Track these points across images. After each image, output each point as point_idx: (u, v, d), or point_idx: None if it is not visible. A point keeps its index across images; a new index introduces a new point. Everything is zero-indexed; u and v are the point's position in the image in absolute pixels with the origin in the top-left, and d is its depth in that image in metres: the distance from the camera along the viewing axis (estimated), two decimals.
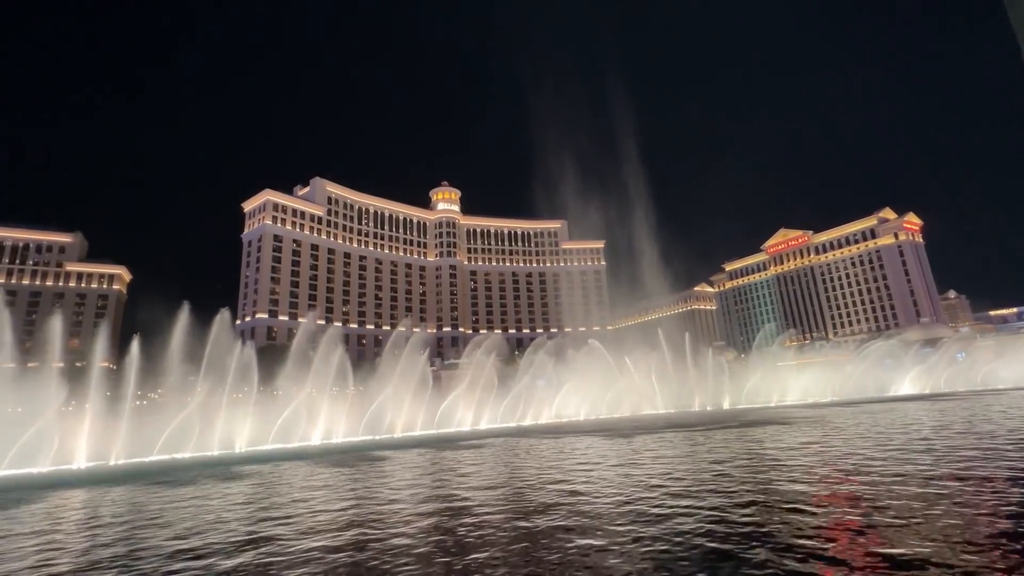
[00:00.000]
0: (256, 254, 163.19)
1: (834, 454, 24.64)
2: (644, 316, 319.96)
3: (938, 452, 22.68)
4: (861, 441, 29.03)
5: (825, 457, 23.89)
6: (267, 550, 13.27)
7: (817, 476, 19.17)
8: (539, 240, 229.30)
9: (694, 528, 12.77)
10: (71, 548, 15.26)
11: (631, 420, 69.56)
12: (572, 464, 27.47)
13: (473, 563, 11.11)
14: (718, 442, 33.40)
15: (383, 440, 57.19)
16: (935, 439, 27.31)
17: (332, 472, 31.09)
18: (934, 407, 53.61)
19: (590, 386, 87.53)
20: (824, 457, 23.90)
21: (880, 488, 16.01)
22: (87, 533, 17.39)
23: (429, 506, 18.16)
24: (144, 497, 25.20)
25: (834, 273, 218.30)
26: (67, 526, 19.24)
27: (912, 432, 31.64)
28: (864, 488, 16.26)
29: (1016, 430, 29.15)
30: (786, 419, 49.96)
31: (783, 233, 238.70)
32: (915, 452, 23.20)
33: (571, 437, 46.29)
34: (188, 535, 15.60)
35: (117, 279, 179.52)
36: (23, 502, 25.78)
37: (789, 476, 19.18)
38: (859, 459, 22.25)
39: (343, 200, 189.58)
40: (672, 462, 25.62)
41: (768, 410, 73.77)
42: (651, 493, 17.64)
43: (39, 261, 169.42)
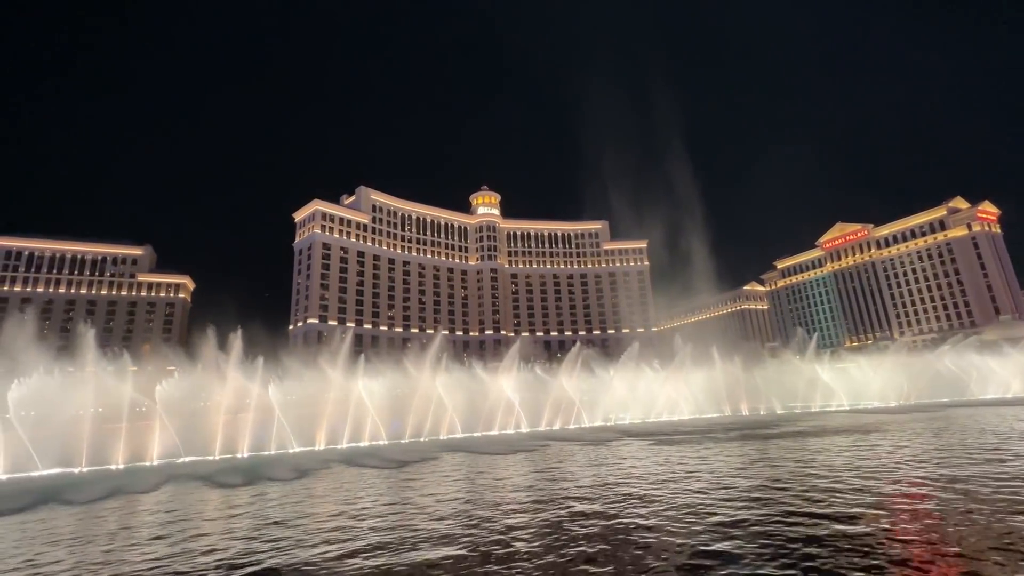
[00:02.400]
0: (307, 262, 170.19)
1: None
2: (691, 317, 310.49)
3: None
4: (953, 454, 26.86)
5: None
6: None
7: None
8: (580, 241, 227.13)
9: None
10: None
11: (680, 424, 67.40)
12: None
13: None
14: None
15: (432, 442, 57.97)
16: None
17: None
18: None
19: (635, 390, 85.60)
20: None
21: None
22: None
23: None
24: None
25: (898, 269, 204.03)
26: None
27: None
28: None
29: None
30: (858, 426, 46.97)
31: (840, 227, 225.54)
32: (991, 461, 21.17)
33: (625, 444, 45.28)
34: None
35: (182, 288, 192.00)
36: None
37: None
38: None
39: (387, 207, 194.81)
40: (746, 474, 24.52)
41: (831, 415, 69.68)
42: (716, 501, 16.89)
43: (115, 273, 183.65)
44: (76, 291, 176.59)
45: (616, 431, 61.00)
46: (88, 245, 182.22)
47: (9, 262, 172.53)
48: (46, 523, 22.11)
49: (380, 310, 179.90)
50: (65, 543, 17.14)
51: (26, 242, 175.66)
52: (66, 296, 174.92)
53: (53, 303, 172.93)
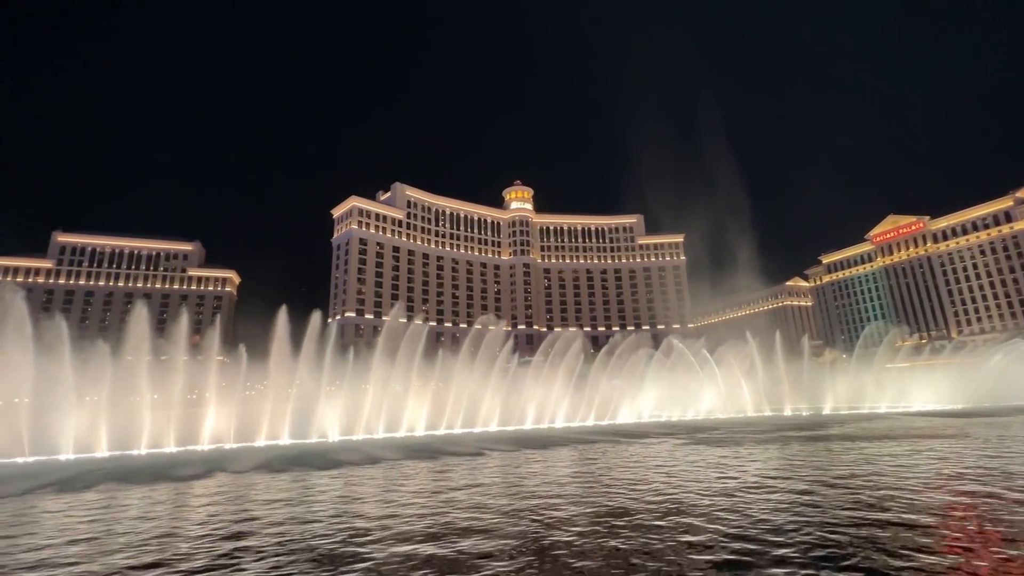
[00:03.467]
0: (344, 257, 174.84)
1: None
2: (730, 313, 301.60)
3: None
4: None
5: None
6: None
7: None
8: (614, 236, 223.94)
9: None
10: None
11: (717, 424, 65.67)
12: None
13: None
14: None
15: (462, 435, 58.63)
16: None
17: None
18: None
19: (672, 387, 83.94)
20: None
21: None
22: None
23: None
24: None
25: (957, 263, 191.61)
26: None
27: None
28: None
29: None
30: (912, 431, 44.60)
31: (892, 220, 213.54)
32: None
33: (659, 441, 44.55)
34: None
35: (228, 282, 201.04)
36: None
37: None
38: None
39: (421, 203, 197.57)
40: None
41: (881, 418, 66.38)
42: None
43: (167, 267, 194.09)
44: (133, 285, 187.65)
45: (655, 428, 60.03)
46: (143, 241, 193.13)
47: (74, 257, 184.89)
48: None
49: (415, 304, 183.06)
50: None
51: (88, 239, 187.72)
52: (124, 289, 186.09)
53: (113, 296, 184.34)
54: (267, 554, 12.87)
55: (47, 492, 25.44)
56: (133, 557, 13.12)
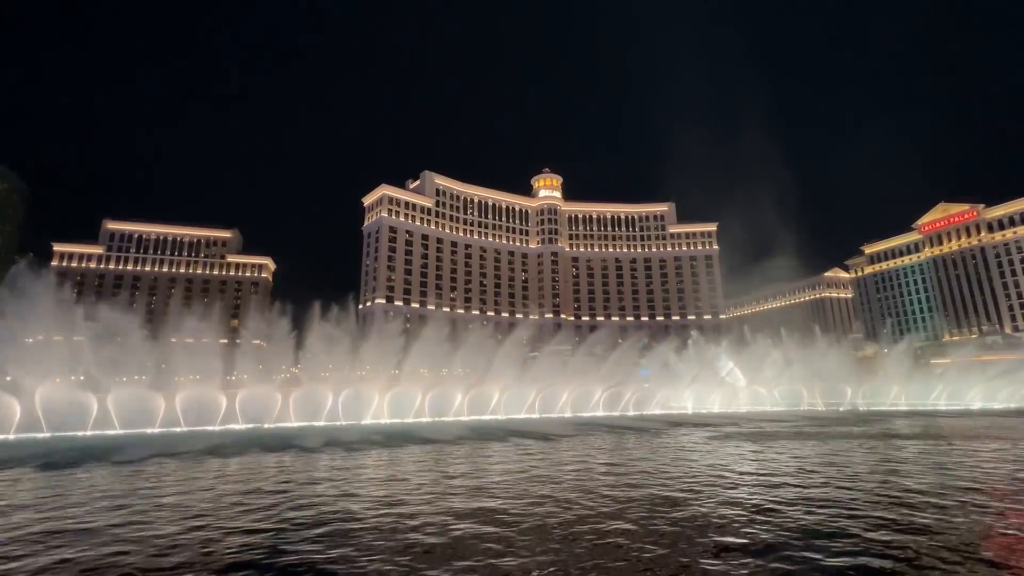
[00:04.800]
0: (374, 244, 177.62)
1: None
2: (765, 304, 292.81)
3: None
4: None
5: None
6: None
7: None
8: (645, 224, 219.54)
9: None
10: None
11: (750, 416, 64.20)
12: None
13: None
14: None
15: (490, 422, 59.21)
16: None
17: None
18: None
19: (696, 379, 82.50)
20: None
21: None
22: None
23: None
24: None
25: (1014, 255, 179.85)
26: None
27: None
28: None
29: None
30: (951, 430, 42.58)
31: (943, 208, 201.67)
32: None
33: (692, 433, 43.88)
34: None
35: (264, 268, 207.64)
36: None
37: None
38: None
39: (450, 191, 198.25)
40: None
41: (920, 415, 63.55)
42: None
43: (208, 254, 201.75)
44: (176, 270, 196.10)
45: (684, 421, 59.20)
46: (186, 228, 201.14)
47: (123, 244, 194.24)
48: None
49: (443, 291, 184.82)
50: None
51: (136, 226, 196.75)
52: (168, 275, 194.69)
53: (158, 281, 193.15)
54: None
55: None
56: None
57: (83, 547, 11.92)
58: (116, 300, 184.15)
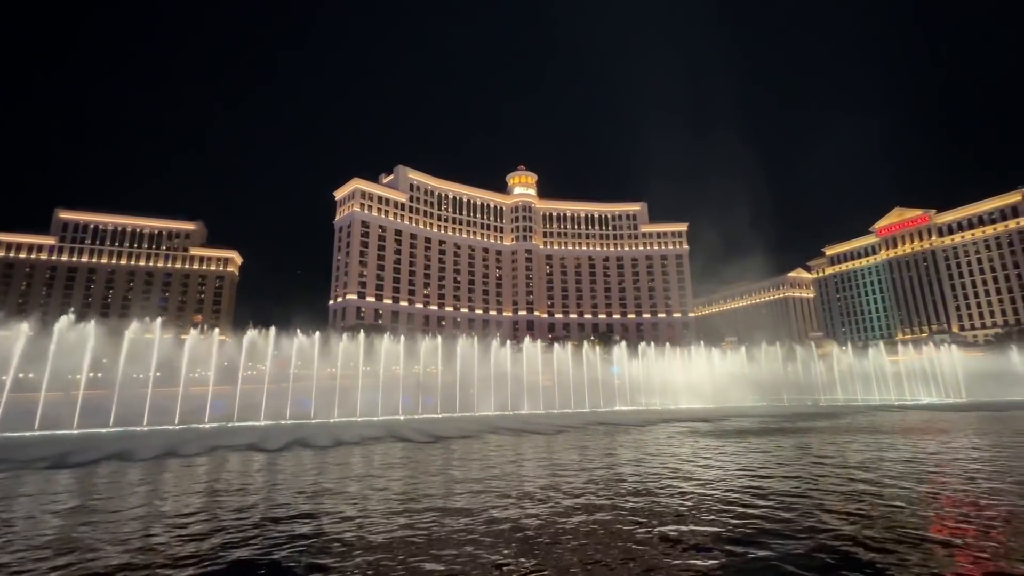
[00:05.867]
0: (346, 239, 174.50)
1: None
2: (731, 303, 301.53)
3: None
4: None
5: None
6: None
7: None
8: (617, 223, 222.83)
9: None
10: None
11: (717, 412, 66.08)
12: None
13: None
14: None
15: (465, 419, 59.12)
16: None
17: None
18: None
19: (669, 376, 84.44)
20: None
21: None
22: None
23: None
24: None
25: (962, 258, 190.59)
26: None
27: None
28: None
29: None
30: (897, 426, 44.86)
31: (898, 212, 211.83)
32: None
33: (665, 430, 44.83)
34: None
35: (231, 262, 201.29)
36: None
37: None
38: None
39: (424, 186, 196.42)
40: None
41: (874, 411, 66.73)
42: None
43: (170, 247, 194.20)
44: (136, 263, 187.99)
45: (653, 415, 60.45)
46: (146, 220, 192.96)
47: (77, 234, 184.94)
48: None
49: (416, 288, 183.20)
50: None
51: (91, 216, 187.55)
52: (127, 268, 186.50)
53: (115, 274, 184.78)
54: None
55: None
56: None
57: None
58: (69, 294, 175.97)
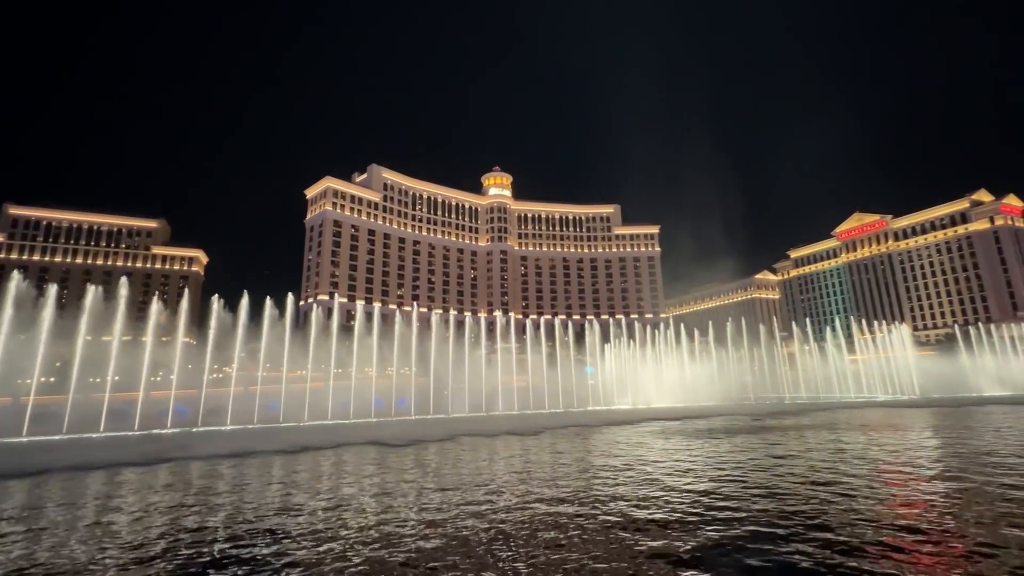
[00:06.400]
0: (318, 238, 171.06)
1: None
2: (701, 304, 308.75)
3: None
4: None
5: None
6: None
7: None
8: (591, 225, 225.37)
9: None
10: None
11: (690, 411, 67.52)
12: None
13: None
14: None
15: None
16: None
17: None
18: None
19: (642, 375, 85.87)
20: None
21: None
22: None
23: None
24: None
25: (915, 261, 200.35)
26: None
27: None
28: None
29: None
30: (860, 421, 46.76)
31: (857, 217, 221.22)
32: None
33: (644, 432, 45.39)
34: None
35: (196, 261, 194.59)
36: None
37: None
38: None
39: (398, 186, 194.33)
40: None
41: (836, 408, 69.40)
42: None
43: (130, 244, 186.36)
44: (92, 262, 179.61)
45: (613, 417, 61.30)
46: (104, 217, 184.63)
47: (28, 231, 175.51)
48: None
49: (390, 288, 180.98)
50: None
51: (43, 212, 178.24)
52: (83, 267, 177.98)
53: (70, 272, 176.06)
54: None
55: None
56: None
57: None
58: (19, 293, 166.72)
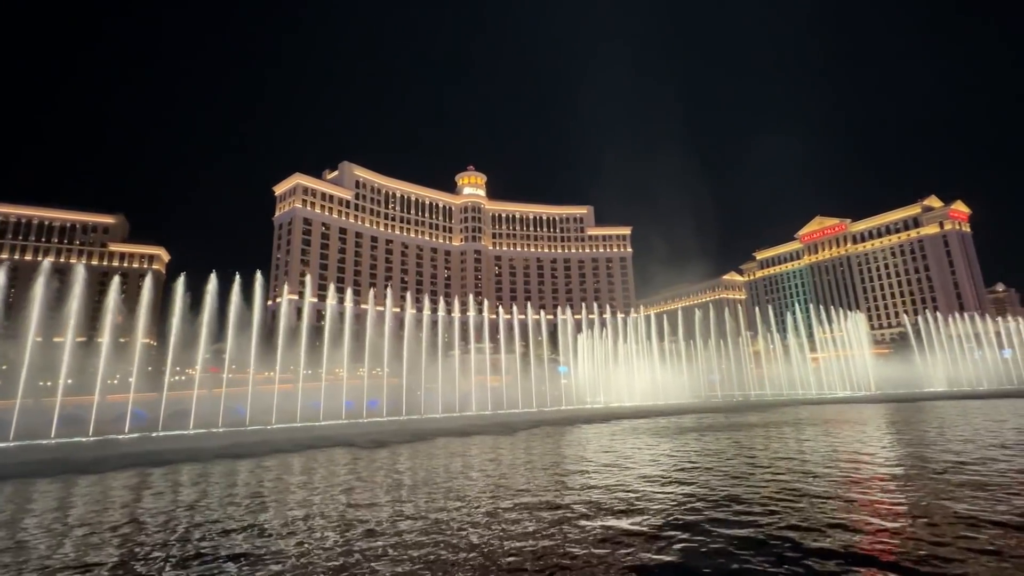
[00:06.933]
0: (287, 236, 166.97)
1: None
2: (670, 304, 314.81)
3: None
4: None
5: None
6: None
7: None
8: (565, 226, 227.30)
9: None
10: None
11: (660, 409, 68.88)
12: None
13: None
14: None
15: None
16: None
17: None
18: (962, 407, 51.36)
19: (614, 374, 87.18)
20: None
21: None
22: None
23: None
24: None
25: (872, 264, 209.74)
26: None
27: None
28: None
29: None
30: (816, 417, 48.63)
31: (819, 221, 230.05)
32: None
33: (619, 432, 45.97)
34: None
35: (156, 259, 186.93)
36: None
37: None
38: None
39: (371, 184, 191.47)
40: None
41: (798, 404, 72.00)
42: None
43: (85, 241, 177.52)
44: (43, 259, 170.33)
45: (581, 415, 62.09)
46: (56, 212, 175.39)
47: None
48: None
49: (361, 288, 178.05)
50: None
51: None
52: (32, 263, 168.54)
53: (18, 270, 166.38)
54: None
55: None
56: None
57: None
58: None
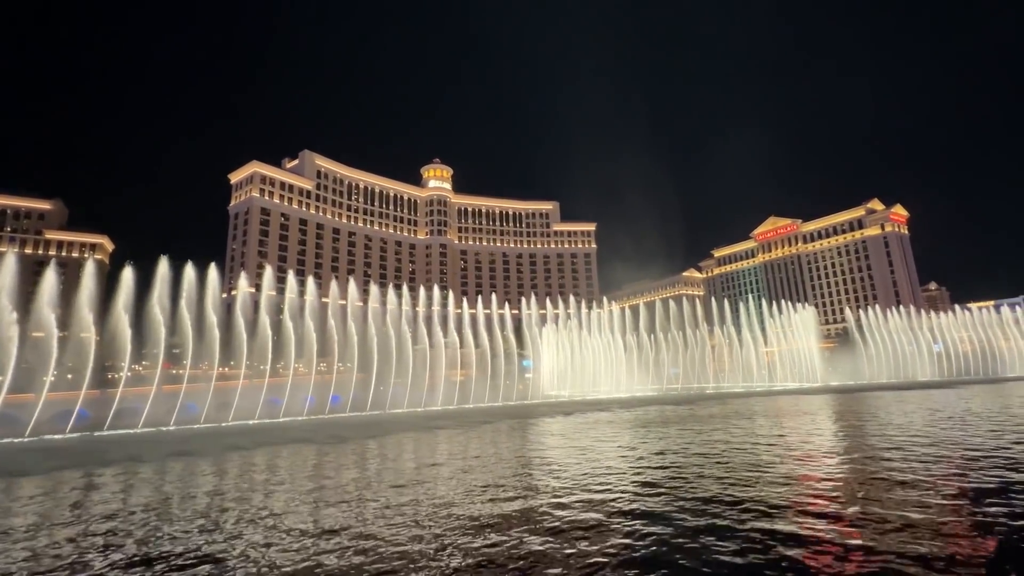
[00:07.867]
0: (243, 227, 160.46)
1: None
2: (633, 299, 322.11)
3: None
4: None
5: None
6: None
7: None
8: (531, 221, 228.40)
9: None
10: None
11: (627, 400, 70.59)
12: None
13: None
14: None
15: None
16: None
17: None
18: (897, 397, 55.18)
19: (575, 367, 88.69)
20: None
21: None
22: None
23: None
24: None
25: (820, 262, 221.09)
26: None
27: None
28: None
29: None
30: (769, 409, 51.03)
31: (772, 221, 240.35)
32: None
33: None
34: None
35: (99, 248, 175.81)
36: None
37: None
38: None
39: (333, 175, 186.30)
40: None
41: (753, 396, 75.26)
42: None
43: (17, 228, 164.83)
44: None
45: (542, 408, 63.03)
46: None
47: None
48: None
49: (323, 281, 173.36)
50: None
51: None
52: None
53: None
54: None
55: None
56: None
57: None
58: None
